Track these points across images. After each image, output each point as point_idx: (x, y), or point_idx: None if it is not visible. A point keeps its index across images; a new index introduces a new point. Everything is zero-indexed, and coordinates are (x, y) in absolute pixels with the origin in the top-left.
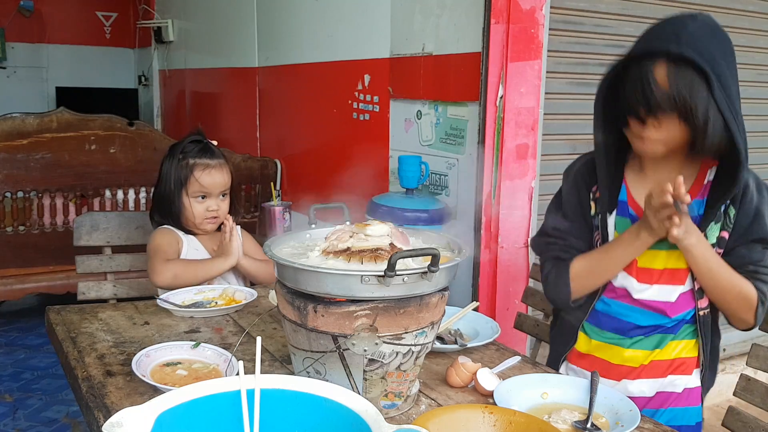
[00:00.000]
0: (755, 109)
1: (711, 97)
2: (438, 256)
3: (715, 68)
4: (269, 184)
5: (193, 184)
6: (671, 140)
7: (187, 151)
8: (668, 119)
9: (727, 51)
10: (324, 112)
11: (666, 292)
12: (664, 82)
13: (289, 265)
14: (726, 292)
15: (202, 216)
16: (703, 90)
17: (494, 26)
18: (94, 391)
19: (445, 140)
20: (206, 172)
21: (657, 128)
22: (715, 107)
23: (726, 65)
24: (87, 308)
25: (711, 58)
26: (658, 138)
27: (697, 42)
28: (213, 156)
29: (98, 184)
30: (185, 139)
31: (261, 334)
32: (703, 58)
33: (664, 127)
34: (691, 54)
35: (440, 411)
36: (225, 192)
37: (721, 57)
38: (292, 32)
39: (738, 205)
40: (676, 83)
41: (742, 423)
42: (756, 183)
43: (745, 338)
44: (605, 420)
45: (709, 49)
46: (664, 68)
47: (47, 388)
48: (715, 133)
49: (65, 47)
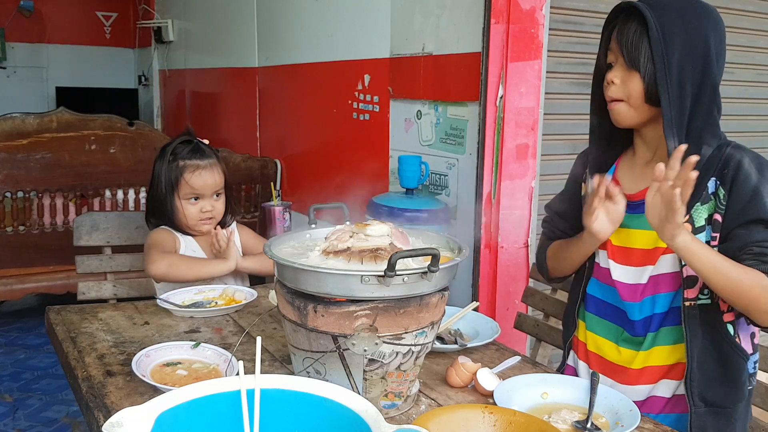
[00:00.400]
0: (755, 109)
1: (647, 42)
2: (438, 256)
3: (663, 22)
4: (269, 184)
5: (183, 187)
6: (630, 94)
7: (176, 153)
8: (622, 71)
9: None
10: (324, 112)
11: (638, 273)
12: (616, 33)
13: (289, 265)
14: (742, 286)
15: (195, 218)
16: (641, 36)
17: (494, 26)
18: (94, 391)
19: (445, 140)
20: (196, 174)
21: (616, 82)
22: (650, 57)
23: (681, 23)
24: (87, 308)
25: (661, 14)
26: (619, 93)
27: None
28: (203, 156)
29: (98, 184)
30: (175, 140)
31: (261, 334)
32: (653, 10)
33: (622, 80)
34: (637, 4)
35: (440, 411)
36: (218, 192)
37: (678, 13)
38: (292, 32)
39: (729, 185)
40: (624, 33)
41: None
42: (756, 162)
43: None
44: (605, 420)
45: (664, 4)
46: (621, 22)
47: (47, 388)
48: (651, 80)
49: (65, 47)
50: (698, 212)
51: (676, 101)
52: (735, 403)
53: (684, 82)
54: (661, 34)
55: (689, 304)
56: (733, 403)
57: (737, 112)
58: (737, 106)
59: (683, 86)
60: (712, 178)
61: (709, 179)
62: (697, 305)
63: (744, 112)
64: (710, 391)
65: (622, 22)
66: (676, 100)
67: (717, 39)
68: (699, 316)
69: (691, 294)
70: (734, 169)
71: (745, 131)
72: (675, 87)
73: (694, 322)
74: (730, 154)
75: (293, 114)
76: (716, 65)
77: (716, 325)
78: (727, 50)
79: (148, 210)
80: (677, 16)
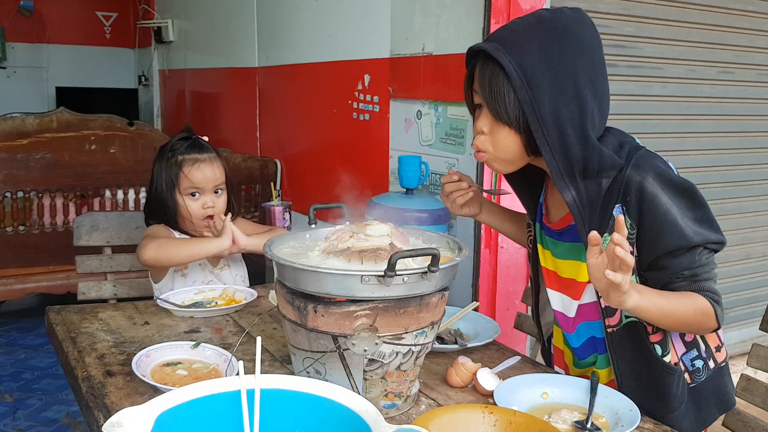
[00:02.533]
0: (755, 109)
1: (512, 91)
2: (438, 256)
3: (522, 62)
4: (269, 184)
5: (183, 181)
6: (503, 148)
7: (175, 149)
8: (490, 120)
9: (552, 43)
10: (324, 112)
11: (567, 305)
12: (478, 79)
13: (289, 265)
14: (687, 318)
15: (198, 214)
16: (503, 85)
17: (494, 26)
18: (94, 391)
19: (445, 140)
20: (195, 167)
21: (485, 131)
22: (517, 103)
23: (542, 58)
24: (87, 308)
25: (519, 56)
26: (487, 146)
27: (509, 35)
28: (202, 150)
29: (98, 184)
30: (173, 138)
31: (261, 334)
32: (510, 54)
33: (491, 131)
34: (488, 47)
35: (440, 411)
36: (219, 187)
37: (537, 49)
38: (292, 32)
39: (637, 214)
40: (484, 81)
41: (743, 423)
42: (659, 181)
43: (745, 338)
44: (605, 420)
45: (520, 42)
46: (480, 65)
47: (47, 388)
48: (528, 132)
49: (65, 47)
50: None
51: (559, 150)
52: (670, 413)
53: (563, 128)
54: (525, 81)
55: (611, 331)
56: (669, 412)
57: (737, 112)
58: (737, 106)
59: (563, 133)
60: (616, 205)
61: (613, 207)
62: (624, 326)
63: (744, 112)
64: (644, 402)
65: (481, 65)
66: (558, 149)
67: (586, 61)
68: (626, 338)
69: (613, 321)
70: (637, 194)
71: (745, 131)
72: (554, 136)
73: (621, 345)
74: (629, 177)
75: (293, 114)
76: (592, 91)
77: (643, 349)
78: (727, 50)
79: (147, 212)
80: (537, 54)
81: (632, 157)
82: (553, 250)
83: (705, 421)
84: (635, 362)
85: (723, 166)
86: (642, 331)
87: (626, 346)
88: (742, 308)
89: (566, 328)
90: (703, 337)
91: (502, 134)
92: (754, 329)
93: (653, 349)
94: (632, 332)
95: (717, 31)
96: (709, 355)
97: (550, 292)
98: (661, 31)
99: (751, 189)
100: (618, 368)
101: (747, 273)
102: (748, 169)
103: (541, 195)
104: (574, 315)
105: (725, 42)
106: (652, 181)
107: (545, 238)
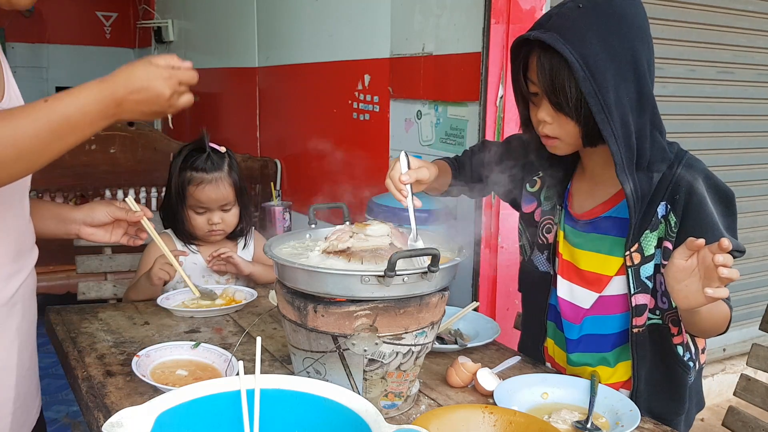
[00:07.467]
0: (755, 109)
1: (574, 83)
2: (438, 256)
3: (584, 52)
4: (269, 184)
5: (189, 198)
6: (567, 133)
7: (187, 160)
8: (551, 112)
9: (612, 30)
10: (324, 112)
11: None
12: (534, 68)
13: (289, 265)
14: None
15: (203, 228)
16: (564, 75)
17: (494, 26)
18: (94, 391)
19: (445, 140)
20: (199, 189)
21: (549, 121)
22: (578, 94)
23: (603, 47)
24: (87, 308)
25: (581, 46)
26: (555, 132)
27: (566, 23)
28: (212, 169)
29: (98, 184)
30: (189, 144)
31: (261, 334)
32: (570, 44)
33: (554, 120)
34: (548, 38)
35: (440, 411)
36: (227, 206)
37: (597, 38)
38: (292, 32)
39: (681, 212)
40: (543, 72)
41: (742, 423)
42: (708, 184)
43: (745, 338)
44: (605, 420)
45: (580, 31)
46: (535, 54)
47: (47, 388)
48: (588, 123)
49: (65, 47)
50: (648, 240)
51: (623, 142)
52: (678, 416)
53: (626, 119)
54: (589, 72)
55: (637, 331)
56: (677, 415)
57: (737, 112)
58: (737, 106)
59: (626, 124)
60: (662, 202)
61: (658, 204)
62: (647, 326)
63: (744, 112)
64: (657, 405)
65: (539, 55)
66: (623, 141)
67: (644, 45)
68: (647, 339)
69: (640, 321)
70: (686, 194)
71: (745, 131)
72: (619, 127)
73: (643, 347)
74: (680, 176)
75: (293, 114)
76: (651, 76)
77: (666, 349)
78: (727, 50)
79: (162, 215)
80: (598, 43)
81: (683, 157)
82: (573, 239)
83: (690, 422)
84: (655, 363)
85: (723, 166)
86: (666, 332)
87: (648, 347)
88: (742, 308)
89: (570, 317)
90: (694, 340)
91: (564, 123)
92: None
93: (677, 351)
94: (654, 333)
95: (717, 31)
96: (697, 357)
97: (560, 280)
98: (661, 31)
99: (751, 189)
100: (638, 368)
101: (747, 273)
102: (748, 169)
103: (569, 183)
104: (588, 307)
105: (725, 42)
106: (701, 184)
107: (565, 226)
